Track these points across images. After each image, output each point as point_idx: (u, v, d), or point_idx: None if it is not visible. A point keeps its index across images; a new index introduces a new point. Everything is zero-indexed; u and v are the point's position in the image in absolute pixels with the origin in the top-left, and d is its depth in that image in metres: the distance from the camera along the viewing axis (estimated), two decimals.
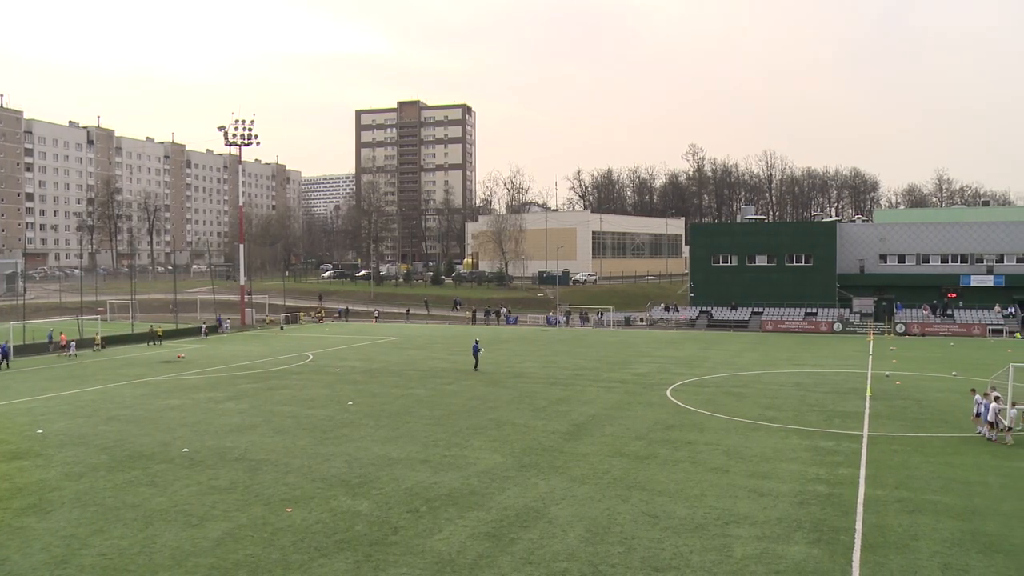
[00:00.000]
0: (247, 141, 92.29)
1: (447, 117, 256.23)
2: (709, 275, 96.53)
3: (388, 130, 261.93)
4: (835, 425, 34.31)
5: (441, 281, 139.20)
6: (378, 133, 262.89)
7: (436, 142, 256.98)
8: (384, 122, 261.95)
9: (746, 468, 26.94)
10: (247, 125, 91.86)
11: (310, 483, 25.28)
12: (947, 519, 21.59)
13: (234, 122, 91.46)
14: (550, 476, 26.01)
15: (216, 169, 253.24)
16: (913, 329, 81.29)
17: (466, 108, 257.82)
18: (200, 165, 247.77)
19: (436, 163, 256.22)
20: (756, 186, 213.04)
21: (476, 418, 36.17)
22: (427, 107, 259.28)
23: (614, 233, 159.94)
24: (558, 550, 19.31)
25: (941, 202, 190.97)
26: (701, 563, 18.46)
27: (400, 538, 20.23)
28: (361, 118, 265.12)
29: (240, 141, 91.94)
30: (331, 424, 34.86)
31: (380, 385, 46.59)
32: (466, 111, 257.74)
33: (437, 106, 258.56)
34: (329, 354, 63.06)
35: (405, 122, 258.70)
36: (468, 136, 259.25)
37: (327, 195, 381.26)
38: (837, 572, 18.00)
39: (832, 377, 49.48)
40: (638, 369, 53.33)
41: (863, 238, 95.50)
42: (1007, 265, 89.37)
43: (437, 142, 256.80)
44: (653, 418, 35.99)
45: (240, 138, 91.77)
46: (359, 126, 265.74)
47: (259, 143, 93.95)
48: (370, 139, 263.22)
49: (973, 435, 31.77)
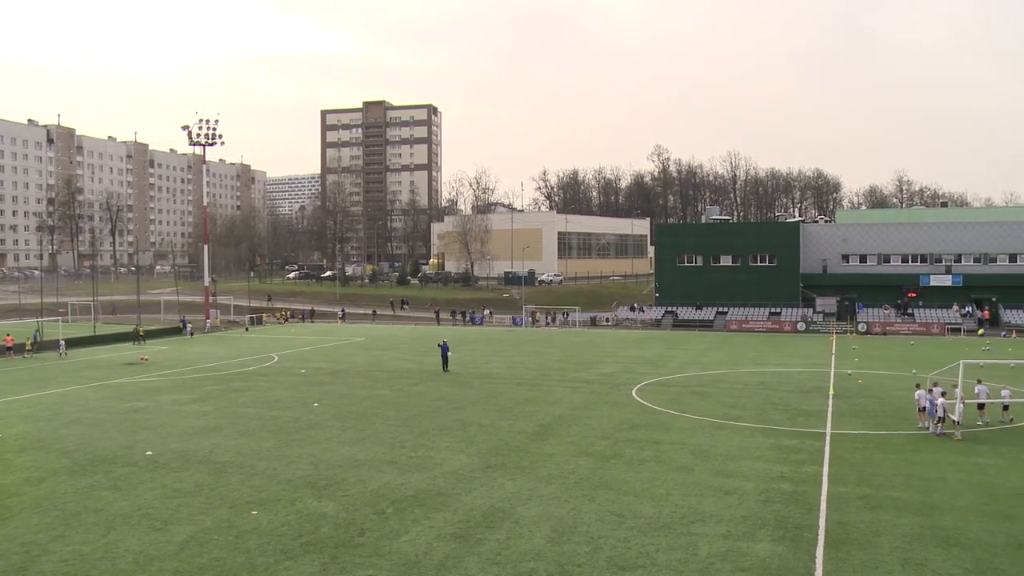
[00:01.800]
0: (211, 141, 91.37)
1: (413, 117, 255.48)
2: (674, 275, 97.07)
3: (354, 130, 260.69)
4: (799, 423, 34.64)
5: (407, 282, 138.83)
6: (343, 133, 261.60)
7: (402, 142, 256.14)
8: (350, 122, 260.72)
9: (711, 467, 27.14)
10: (211, 125, 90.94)
11: (276, 485, 25.14)
12: (907, 514, 21.90)
13: (198, 122, 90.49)
14: (516, 476, 26.04)
15: (180, 169, 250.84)
16: (875, 328, 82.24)
17: (432, 108, 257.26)
18: (164, 165, 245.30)
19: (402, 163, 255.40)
20: (721, 187, 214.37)
21: (442, 419, 36.13)
22: (393, 107, 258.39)
23: (580, 233, 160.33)
24: (525, 550, 19.35)
25: (901, 203, 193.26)
26: (667, 562, 18.57)
27: (367, 539, 20.18)
28: (327, 118, 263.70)
29: (204, 141, 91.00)
30: (297, 426, 34.68)
31: (346, 386, 46.41)
32: (432, 111, 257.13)
33: (403, 106, 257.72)
34: (294, 355, 62.71)
35: (371, 122, 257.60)
36: (434, 136, 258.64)
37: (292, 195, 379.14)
38: (801, 569, 18.19)
39: (796, 376, 49.95)
40: (604, 369, 53.52)
41: (826, 238, 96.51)
42: (964, 265, 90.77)
43: (403, 142, 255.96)
44: (619, 418, 36.13)
45: (204, 138, 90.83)
46: (324, 126, 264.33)
47: (223, 143, 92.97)
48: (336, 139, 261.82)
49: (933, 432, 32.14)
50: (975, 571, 18.06)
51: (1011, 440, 31.32)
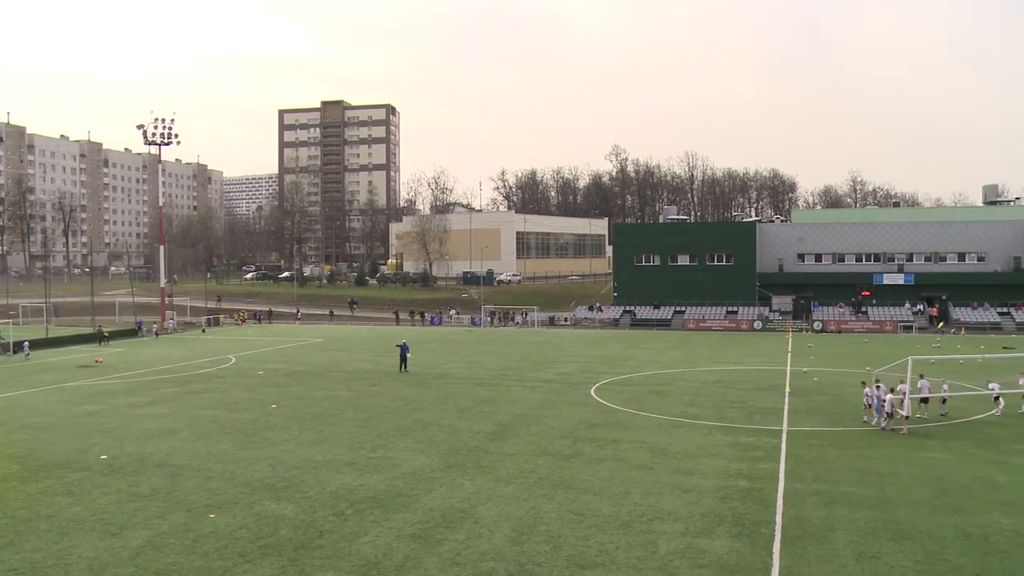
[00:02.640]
0: (167, 140, 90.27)
1: (371, 117, 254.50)
2: (632, 275, 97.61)
3: (311, 130, 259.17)
4: (756, 421, 34.99)
5: (365, 282, 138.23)
6: (301, 133, 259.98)
7: (360, 142, 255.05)
8: (307, 122, 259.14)
9: (670, 465, 27.32)
10: (167, 124, 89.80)
11: (233, 488, 24.90)
12: (861, 509, 22.21)
13: (153, 121, 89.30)
14: (476, 476, 26.04)
15: (135, 169, 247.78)
16: (830, 326, 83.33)
17: (390, 108, 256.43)
18: (118, 164, 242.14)
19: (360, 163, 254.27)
20: (678, 187, 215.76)
21: (401, 419, 36.02)
22: (351, 107, 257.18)
23: (538, 233, 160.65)
24: (484, 550, 19.35)
25: (855, 203, 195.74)
26: (627, 559, 18.67)
27: (326, 541, 20.06)
28: (284, 117, 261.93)
29: (160, 140, 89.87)
30: (254, 428, 34.39)
31: (304, 387, 46.11)
32: (390, 111, 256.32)
33: (361, 106, 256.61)
34: (252, 356, 62.20)
35: (329, 122, 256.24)
36: (392, 136, 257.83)
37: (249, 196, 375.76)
38: (758, 564, 18.37)
39: (752, 374, 50.43)
40: (562, 368, 53.66)
41: (782, 238, 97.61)
42: (916, 264, 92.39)
43: (361, 142, 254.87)
44: (578, 417, 36.25)
45: (160, 137, 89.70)
46: (282, 126, 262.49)
47: (179, 142, 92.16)
48: (293, 139, 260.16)
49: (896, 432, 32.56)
50: (925, 562, 18.39)
51: (961, 435, 31.90)
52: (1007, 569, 18.11)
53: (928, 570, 17.97)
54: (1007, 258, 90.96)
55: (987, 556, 18.80)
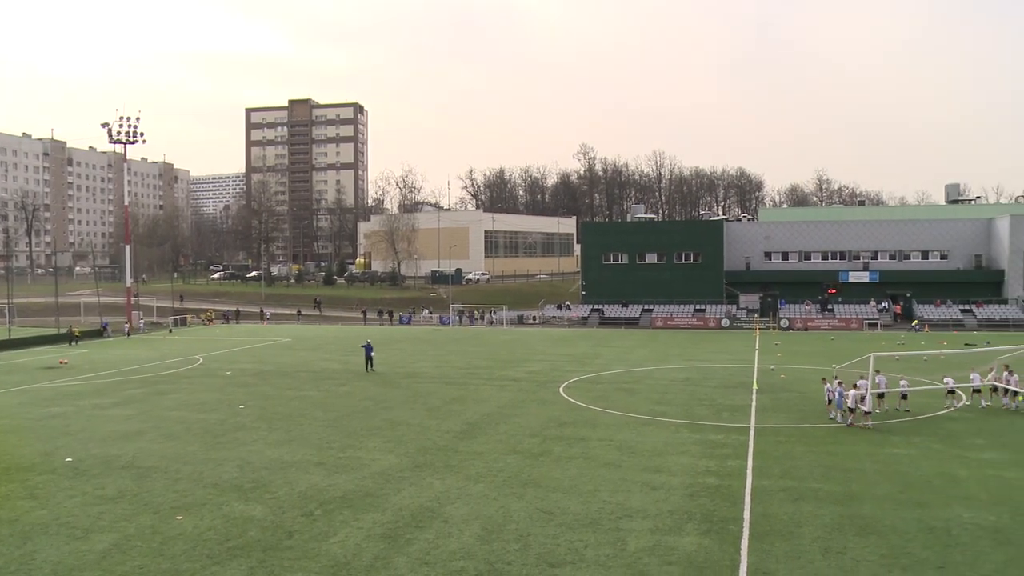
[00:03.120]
0: (132, 139, 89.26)
1: (339, 116, 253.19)
2: (600, 273, 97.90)
3: (279, 129, 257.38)
4: (723, 418, 35.22)
5: (333, 281, 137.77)
6: (268, 132, 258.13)
7: (328, 141, 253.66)
8: (275, 120, 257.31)
9: (638, 462, 27.44)
10: (132, 122, 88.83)
11: (201, 489, 24.73)
12: (827, 505, 22.44)
13: (118, 119, 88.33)
14: (445, 476, 26.03)
15: (100, 168, 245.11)
16: (797, 324, 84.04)
17: (358, 107, 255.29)
18: (83, 163, 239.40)
19: (328, 162, 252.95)
20: (646, 185, 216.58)
21: (370, 419, 35.94)
22: (318, 105, 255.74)
23: (506, 232, 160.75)
24: (454, 549, 19.36)
25: (821, 201, 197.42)
26: (596, 557, 18.74)
27: (295, 542, 19.98)
28: (251, 116, 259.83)
29: (125, 139, 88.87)
30: (222, 428, 34.17)
31: (272, 387, 45.86)
32: (358, 110, 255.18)
33: (329, 104, 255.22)
34: (220, 357, 61.77)
35: (296, 121, 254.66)
36: (360, 135, 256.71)
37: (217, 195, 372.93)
38: (727, 561, 18.51)
39: (720, 372, 50.76)
40: (531, 367, 53.74)
41: (749, 236, 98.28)
42: (881, 262, 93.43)
43: (329, 141, 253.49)
44: (546, 415, 36.32)
45: (125, 135, 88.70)
46: (249, 124, 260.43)
47: (145, 141, 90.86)
48: (260, 138, 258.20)
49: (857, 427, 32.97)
50: (890, 556, 18.64)
51: (923, 431, 32.29)
52: (968, 561, 18.40)
53: (893, 564, 18.21)
54: (969, 256, 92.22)
55: (949, 549, 19.11)
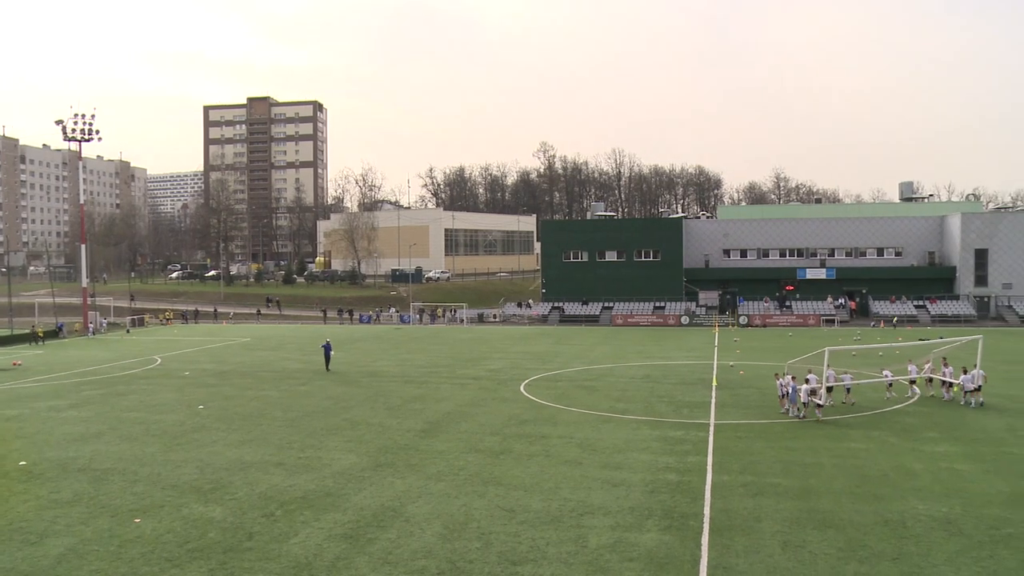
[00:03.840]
0: (88, 136, 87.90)
1: (298, 114, 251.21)
2: (560, 271, 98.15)
3: (237, 127, 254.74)
4: (683, 415, 35.47)
5: (293, 280, 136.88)
6: (227, 130, 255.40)
7: (287, 139, 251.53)
8: (233, 118, 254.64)
9: (599, 460, 27.56)
10: (88, 120, 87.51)
11: (160, 491, 24.46)
12: (787, 500, 22.70)
13: (73, 116, 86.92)
14: (406, 475, 25.98)
15: (54, 166, 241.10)
16: (755, 321, 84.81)
17: (317, 105, 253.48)
18: (36, 161, 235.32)
19: (287, 161, 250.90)
20: (606, 183, 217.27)
21: (330, 418, 35.77)
22: (277, 104, 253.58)
23: (467, 230, 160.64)
24: (416, 548, 19.33)
25: (779, 199, 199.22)
26: (557, 554, 18.80)
27: (255, 544, 19.83)
28: (209, 114, 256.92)
29: (80, 136, 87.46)
30: (181, 429, 33.82)
31: (232, 388, 45.48)
32: (317, 108, 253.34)
33: (288, 103, 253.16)
34: (178, 357, 61.12)
35: (255, 119, 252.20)
36: (319, 134, 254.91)
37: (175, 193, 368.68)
38: (687, 556, 18.65)
39: (680, 369, 51.10)
40: (492, 365, 53.77)
41: (708, 234, 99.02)
42: (837, 259, 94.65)
43: (288, 139, 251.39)
44: (507, 413, 36.37)
45: (80, 133, 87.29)
46: (207, 122, 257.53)
47: (101, 139, 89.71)
48: (219, 136, 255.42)
49: (810, 420, 33.46)
50: (847, 549, 18.91)
51: (880, 425, 32.79)
52: (921, 552, 18.75)
53: (850, 556, 18.47)
54: (922, 253, 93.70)
55: (904, 540, 19.44)
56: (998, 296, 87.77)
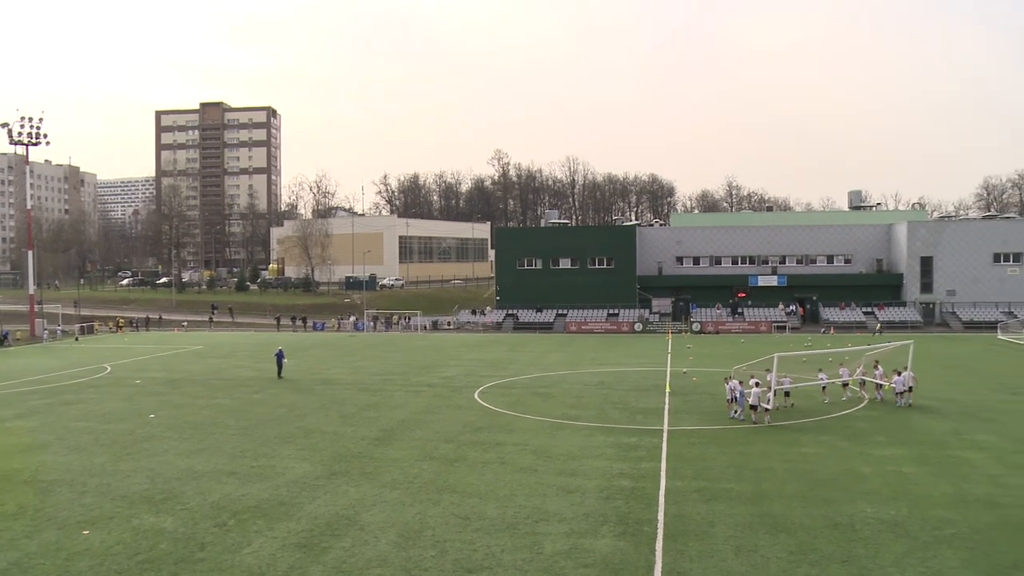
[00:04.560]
0: (35, 140, 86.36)
1: (251, 120, 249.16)
2: (515, 278, 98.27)
3: (190, 132, 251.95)
4: (637, 421, 35.70)
5: (246, 288, 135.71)
6: (179, 135, 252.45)
7: (240, 145, 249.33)
8: (186, 124, 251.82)
9: (554, 466, 27.65)
10: (35, 123, 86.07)
11: (109, 502, 24.10)
12: (739, 504, 22.95)
13: (20, 119, 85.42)
14: (360, 483, 25.87)
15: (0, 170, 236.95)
16: (708, 327, 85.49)
17: (271, 111, 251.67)
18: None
19: (240, 167, 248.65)
20: (560, 191, 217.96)
21: (284, 427, 35.51)
22: (231, 109, 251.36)
23: (421, 238, 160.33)
24: (370, 557, 19.26)
25: (731, 207, 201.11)
26: (512, 562, 18.84)
27: (207, 554, 19.63)
28: (161, 119, 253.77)
29: (27, 140, 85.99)
30: (131, 439, 33.35)
31: (183, 396, 44.96)
32: (271, 114, 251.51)
33: (241, 108, 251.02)
34: (129, 365, 60.27)
35: (208, 124, 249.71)
36: (273, 140, 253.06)
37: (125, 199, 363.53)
38: (642, 562, 18.79)
39: (634, 375, 51.41)
40: (446, 372, 53.72)
41: (661, 241, 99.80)
42: (789, 266, 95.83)
43: (241, 145, 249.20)
44: (462, 421, 36.36)
45: (27, 137, 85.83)
46: (159, 127, 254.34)
47: (49, 143, 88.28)
48: (171, 141, 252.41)
49: (762, 425, 33.88)
50: (798, 553, 19.19)
51: (830, 429, 33.28)
52: (870, 554, 19.09)
53: (801, 559, 18.73)
54: (871, 260, 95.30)
55: (853, 543, 19.77)
56: (943, 303, 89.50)
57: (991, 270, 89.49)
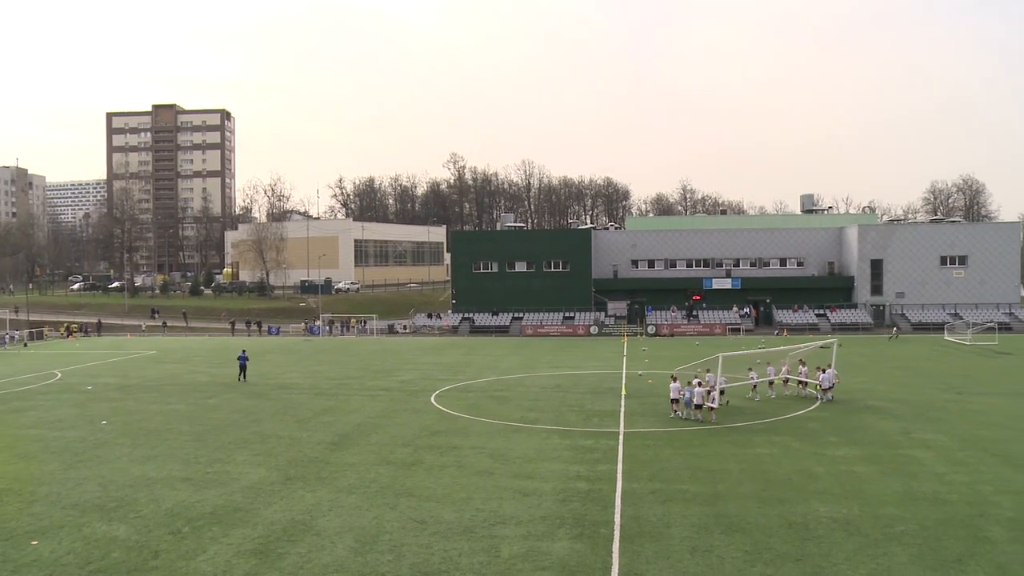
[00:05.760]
0: None
1: (205, 122, 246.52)
2: (471, 282, 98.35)
3: (142, 134, 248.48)
4: (593, 424, 35.87)
5: (200, 292, 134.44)
6: (131, 137, 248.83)
7: (194, 148, 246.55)
8: (138, 126, 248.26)
9: (510, 469, 27.70)
10: None
11: (60, 511, 23.71)
12: (695, 506, 23.16)
13: None
14: (317, 488, 25.74)
15: None
16: (663, 330, 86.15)
17: (225, 113, 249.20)
18: None
19: (194, 170, 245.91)
20: (515, 194, 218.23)
21: (239, 432, 35.21)
22: (184, 111, 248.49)
23: (376, 241, 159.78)
24: (327, 562, 19.18)
25: (686, 210, 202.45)
26: (470, 565, 18.86)
27: (161, 562, 19.40)
28: (112, 121, 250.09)
29: None
30: (83, 446, 32.86)
31: (137, 402, 44.38)
32: (225, 116, 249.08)
33: (195, 110, 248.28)
34: (80, 371, 59.38)
35: (161, 126, 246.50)
36: (227, 142, 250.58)
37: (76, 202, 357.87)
38: (599, 564, 18.89)
39: (590, 378, 51.65)
40: (402, 376, 53.59)
41: (616, 244, 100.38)
42: (742, 269, 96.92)
43: (195, 148, 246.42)
44: (419, 425, 36.30)
45: None
46: (110, 129, 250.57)
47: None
48: (123, 143, 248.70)
49: (718, 427, 34.26)
50: (753, 552, 19.41)
51: (784, 430, 33.70)
52: (823, 552, 19.38)
53: (756, 559, 18.96)
54: (823, 263, 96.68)
55: (807, 542, 20.05)
56: (892, 304, 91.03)
57: (938, 273, 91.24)
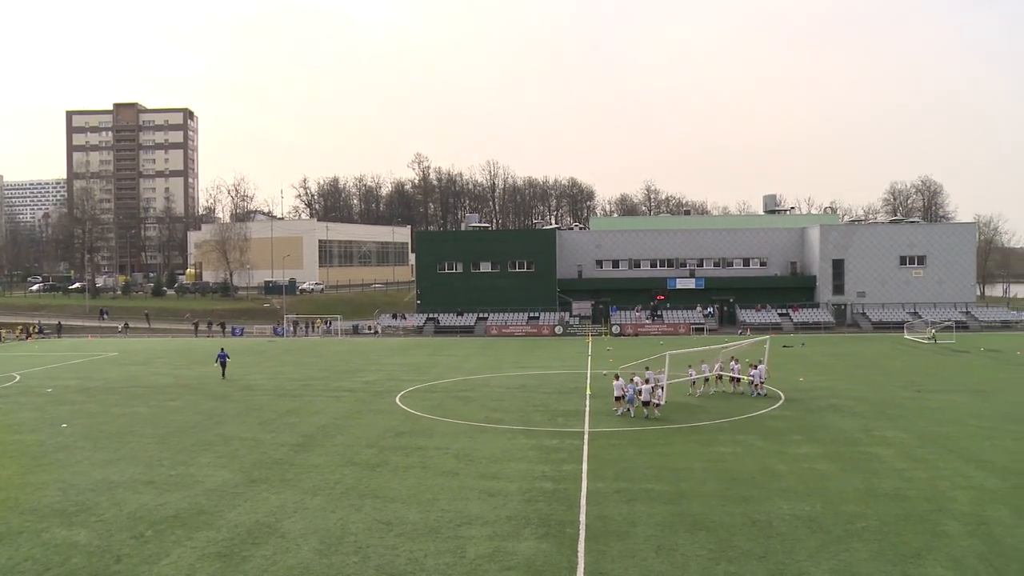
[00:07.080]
0: None
1: (168, 121, 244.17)
2: (435, 282, 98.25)
3: (103, 133, 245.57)
4: (559, 424, 35.96)
5: (163, 293, 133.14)
6: (92, 136, 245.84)
7: (156, 147, 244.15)
8: (99, 124, 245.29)
9: (476, 470, 27.71)
10: None
11: (18, 516, 23.35)
12: (659, 504, 23.29)
13: None
14: (281, 490, 25.60)
15: None
16: (628, 330, 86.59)
17: (188, 112, 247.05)
18: None
19: (156, 169, 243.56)
20: (480, 195, 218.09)
21: (202, 434, 34.91)
22: (146, 110, 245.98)
23: (341, 241, 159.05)
24: (292, 564, 19.09)
25: (650, 211, 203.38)
26: (436, 566, 18.85)
27: (123, 567, 19.19)
28: (73, 119, 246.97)
29: None
30: (42, 449, 32.42)
31: (98, 404, 43.85)
32: (188, 115, 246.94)
33: (157, 109, 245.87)
34: (40, 374, 58.57)
35: (122, 125, 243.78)
36: (190, 142, 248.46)
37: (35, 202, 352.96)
38: (564, 563, 18.94)
39: (555, 378, 51.77)
40: (367, 377, 53.42)
41: (581, 245, 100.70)
42: (706, 269, 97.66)
43: (157, 147, 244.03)
44: (383, 425, 36.21)
45: None
46: (70, 128, 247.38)
47: None
48: (83, 142, 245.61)
49: (682, 426, 34.51)
50: (718, 550, 19.56)
51: (748, 429, 33.98)
52: (786, 549, 19.57)
53: (720, 557, 19.11)
54: (785, 263, 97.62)
55: (771, 539, 20.24)
56: (853, 304, 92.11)
57: (898, 272, 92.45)
